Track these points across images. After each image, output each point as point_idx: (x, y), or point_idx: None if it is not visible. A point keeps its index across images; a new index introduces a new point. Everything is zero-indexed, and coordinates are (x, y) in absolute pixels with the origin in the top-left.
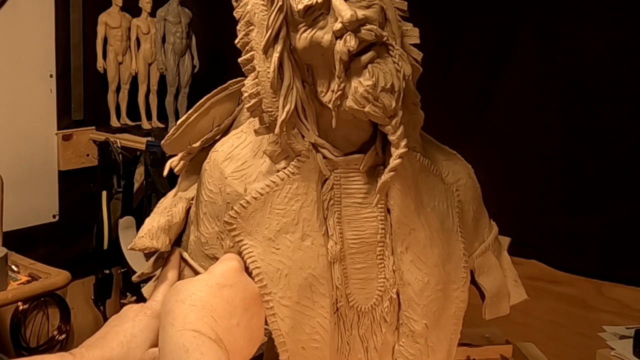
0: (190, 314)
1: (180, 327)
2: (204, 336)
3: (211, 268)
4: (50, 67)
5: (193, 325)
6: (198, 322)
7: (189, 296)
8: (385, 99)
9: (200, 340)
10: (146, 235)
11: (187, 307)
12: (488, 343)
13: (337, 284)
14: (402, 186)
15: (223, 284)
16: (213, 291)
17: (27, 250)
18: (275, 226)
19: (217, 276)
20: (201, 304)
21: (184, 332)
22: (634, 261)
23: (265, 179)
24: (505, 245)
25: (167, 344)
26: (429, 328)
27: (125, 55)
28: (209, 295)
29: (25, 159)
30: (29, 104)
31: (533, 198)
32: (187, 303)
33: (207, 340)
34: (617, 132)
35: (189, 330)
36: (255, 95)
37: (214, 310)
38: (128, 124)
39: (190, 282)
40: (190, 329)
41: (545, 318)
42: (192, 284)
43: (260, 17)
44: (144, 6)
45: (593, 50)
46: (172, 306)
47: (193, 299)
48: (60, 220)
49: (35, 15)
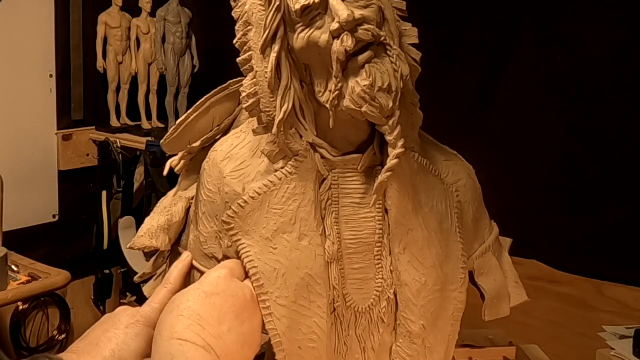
0: (177, 323)
1: (168, 337)
2: (190, 343)
3: (203, 277)
4: (50, 67)
5: (179, 334)
6: (184, 331)
7: (177, 307)
8: (383, 99)
9: (186, 347)
10: (146, 235)
11: (175, 317)
12: (491, 345)
13: (335, 284)
14: (399, 186)
15: (211, 292)
16: (201, 300)
17: (27, 250)
18: (272, 226)
19: (206, 285)
20: (188, 313)
21: (171, 341)
22: (634, 261)
23: (263, 179)
24: (507, 246)
25: (156, 354)
26: (426, 329)
27: (125, 55)
28: (197, 304)
29: (25, 159)
30: (29, 104)
31: (533, 198)
32: (175, 313)
33: (192, 347)
34: (617, 132)
35: (175, 339)
36: (254, 95)
37: (201, 318)
38: (128, 124)
39: (180, 294)
40: (176, 338)
41: (545, 318)
42: (181, 296)
43: (258, 17)
44: (144, 6)
45: (593, 50)
46: (163, 318)
47: (181, 309)
48: (60, 220)
49: (35, 15)
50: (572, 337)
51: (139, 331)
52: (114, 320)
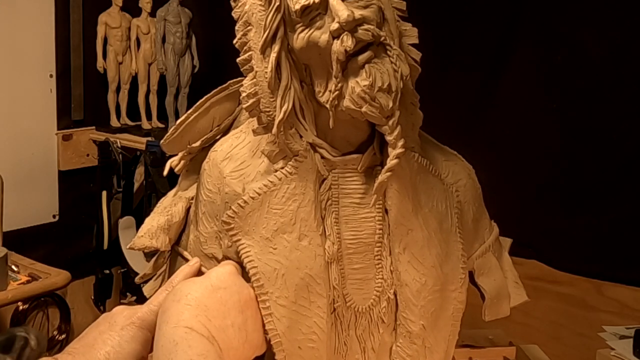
0: (185, 312)
1: (174, 324)
2: (195, 332)
3: (208, 272)
4: (50, 67)
5: (186, 322)
6: (192, 319)
7: (184, 296)
8: (382, 99)
9: (191, 335)
10: (146, 235)
11: (182, 306)
12: (491, 345)
13: (334, 284)
14: (399, 186)
15: (218, 286)
16: (208, 292)
17: (27, 250)
18: (272, 226)
19: (213, 278)
20: (195, 303)
21: (176, 328)
22: (634, 261)
23: (263, 179)
24: (507, 246)
25: (160, 340)
26: (426, 329)
27: (125, 55)
28: (204, 296)
29: (25, 159)
30: (29, 104)
31: (533, 198)
32: (182, 302)
33: (197, 336)
34: (617, 132)
35: (181, 326)
36: (253, 95)
37: (207, 309)
38: (128, 124)
39: (186, 284)
40: (183, 325)
41: (545, 318)
42: (188, 285)
43: (258, 17)
44: (144, 6)
45: (593, 50)
46: (169, 305)
47: (188, 299)
48: (60, 220)
49: (35, 15)
50: (572, 337)
51: (134, 334)
52: (110, 321)
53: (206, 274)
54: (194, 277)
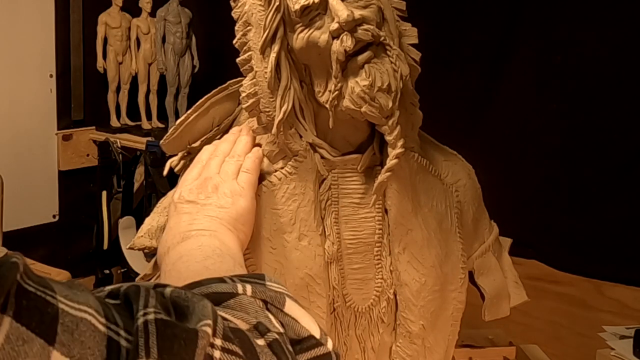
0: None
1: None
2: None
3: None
4: (50, 67)
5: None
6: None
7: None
8: (382, 99)
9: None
10: (145, 235)
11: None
12: (491, 345)
13: (334, 284)
14: (399, 186)
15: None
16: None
17: (27, 250)
18: (272, 226)
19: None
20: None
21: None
22: (634, 261)
23: (263, 179)
24: (506, 246)
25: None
26: (426, 329)
27: (125, 55)
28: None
29: (25, 159)
30: (29, 104)
31: (533, 198)
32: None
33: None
34: (617, 132)
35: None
36: (253, 95)
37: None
38: (128, 124)
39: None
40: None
41: (545, 318)
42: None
43: (257, 17)
44: (144, 6)
45: (593, 50)
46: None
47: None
48: (60, 220)
49: (35, 15)
50: (572, 337)
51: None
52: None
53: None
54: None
